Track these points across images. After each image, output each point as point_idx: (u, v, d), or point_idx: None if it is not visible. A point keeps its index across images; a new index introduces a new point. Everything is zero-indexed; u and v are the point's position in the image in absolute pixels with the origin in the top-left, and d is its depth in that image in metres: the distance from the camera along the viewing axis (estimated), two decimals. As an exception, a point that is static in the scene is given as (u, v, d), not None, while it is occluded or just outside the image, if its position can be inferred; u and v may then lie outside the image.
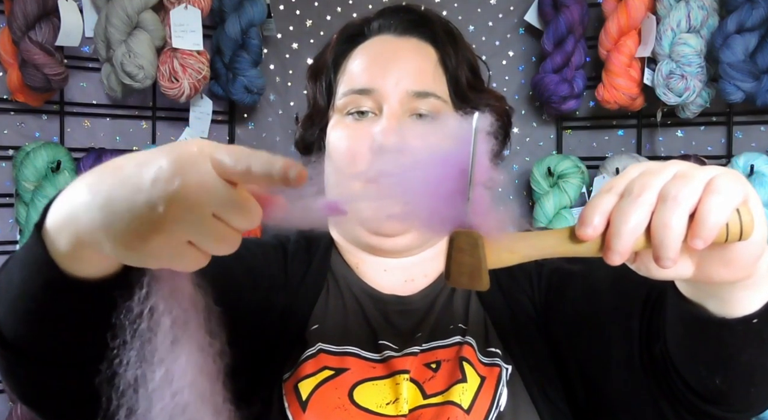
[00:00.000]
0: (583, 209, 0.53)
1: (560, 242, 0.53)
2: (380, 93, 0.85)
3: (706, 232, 0.49)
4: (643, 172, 0.52)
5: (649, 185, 0.51)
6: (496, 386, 0.79)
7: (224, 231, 0.50)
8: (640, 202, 0.50)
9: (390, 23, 0.90)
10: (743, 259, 0.53)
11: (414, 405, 0.78)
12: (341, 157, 0.86)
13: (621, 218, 0.51)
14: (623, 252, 0.51)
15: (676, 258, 0.50)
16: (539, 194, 1.92)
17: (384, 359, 0.82)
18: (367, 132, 0.84)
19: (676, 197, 0.49)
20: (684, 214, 0.49)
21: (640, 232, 0.50)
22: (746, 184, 0.51)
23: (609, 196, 0.52)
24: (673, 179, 0.50)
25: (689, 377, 0.65)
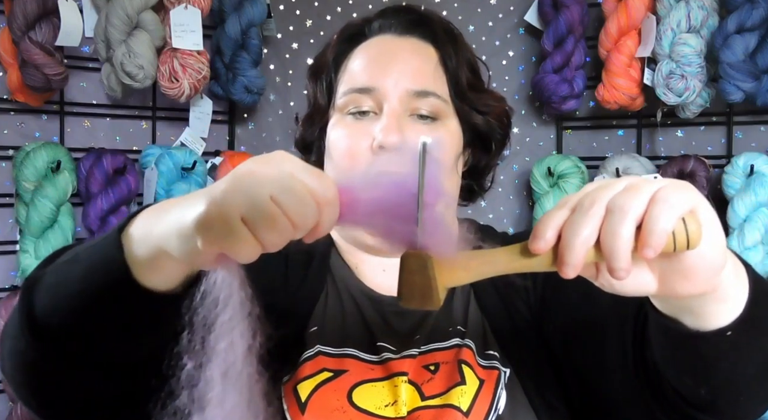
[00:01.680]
0: (536, 224, 0.54)
1: (514, 258, 0.54)
2: (380, 92, 0.85)
3: (653, 239, 0.50)
4: (595, 188, 0.54)
5: (598, 198, 0.52)
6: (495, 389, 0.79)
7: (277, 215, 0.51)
8: (589, 214, 0.52)
9: (390, 23, 0.90)
10: (701, 270, 0.53)
11: (412, 407, 0.78)
12: (341, 156, 0.86)
13: (571, 231, 0.52)
14: (575, 264, 0.52)
15: (628, 268, 0.51)
16: (539, 194, 1.92)
17: (382, 361, 0.82)
18: (367, 131, 0.84)
19: (622, 207, 0.51)
20: (631, 223, 0.50)
21: (590, 244, 0.51)
22: (694, 194, 0.52)
23: (561, 210, 0.54)
24: (622, 192, 0.52)
25: (677, 386, 0.66)
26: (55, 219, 1.77)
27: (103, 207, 1.83)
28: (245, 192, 0.50)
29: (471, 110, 0.90)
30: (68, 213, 1.80)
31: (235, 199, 0.50)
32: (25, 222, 1.75)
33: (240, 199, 0.50)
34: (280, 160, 0.53)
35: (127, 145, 2.03)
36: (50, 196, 1.75)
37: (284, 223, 0.51)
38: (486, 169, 0.97)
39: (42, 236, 1.76)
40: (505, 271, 0.55)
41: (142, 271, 0.58)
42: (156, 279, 0.58)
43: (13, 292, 1.79)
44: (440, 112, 0.87)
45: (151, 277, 0.58)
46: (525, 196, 2.05)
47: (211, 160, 2.07)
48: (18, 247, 1.78)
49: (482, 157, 0.95)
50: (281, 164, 0.53)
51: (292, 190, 0.51)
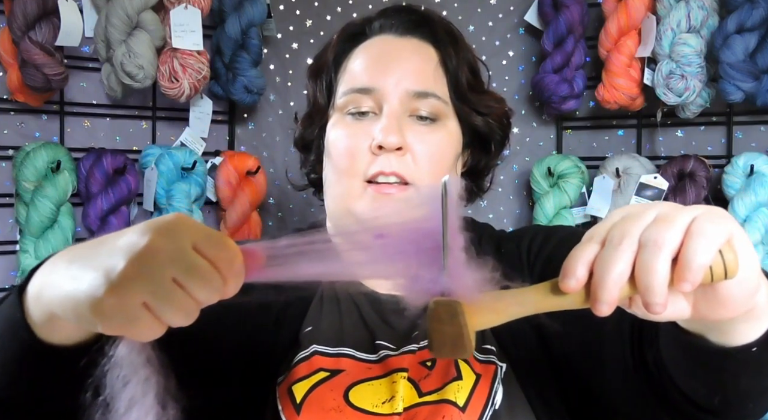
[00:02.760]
0: (565, 261, 0.52)
1: (544, 297, 0.53)
2: (380, 92, 0.85)
3: (691, 275, 0.48)
4: (623, 218, 0.52)
5: (629, 231, 0.50)
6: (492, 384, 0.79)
7: (181, 298, 0.49)
8: (621, 249, 0.50)
9: (391, 23, 0.90)
10: (737, 296, 0.52)
11: (410, 403, 0.78)
12: (340, 157, 0.86)
13: (604, 267, 0.50)
14: (610, 302, 0.50)
15: (664, 303, 0.49)
16: (539, 194, 1.92)
17: (380, 359, 0.82)
18: (366, 131, 0.85)
19: (656, 241, 0.49)
20: (667, 258, 0.49)
21: (624, 280, 0.50)
22: (729, 222, 0.51)
23: (590, 245, 0.52)
24: (654, 223, 0.50)
25: (687, 391, 0.65)
26: (55, 219, 1.77)
27: (103, 207, 1.83)
28: (146, 276, 0.48)
29: (471, 111, 0.90)
30: (68, 213, 1.80)
31: (135, 285, 0.48)
32: (25, 222, 1.75)
33: (140, 286, 0.48)
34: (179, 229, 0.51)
35: (127, 145, 2.03)
36: (50, 196, 1.75)
37: (189, 303, 0.50)
38: (485, 170, 0.97)
39: (42, 236, 1.76)
40: (536, 311, 0.53)
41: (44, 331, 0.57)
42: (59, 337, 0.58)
43: (13, 292, 1.79)
44: (440, 113, 0.87)
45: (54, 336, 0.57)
46: (525, 196, 2.05)
47: (211, 160, 2.07)
48: (18, 247, 1.78)
49: (482, 157, 0.95)
50: (181, 236, 0.50)
51: (196, 269, 0.50)
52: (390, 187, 0.84)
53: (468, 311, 0.52)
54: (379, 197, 0.83)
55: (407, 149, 0.84)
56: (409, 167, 0.84)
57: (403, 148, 0.84)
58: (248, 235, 2.03)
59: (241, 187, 2.01)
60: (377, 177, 0.84)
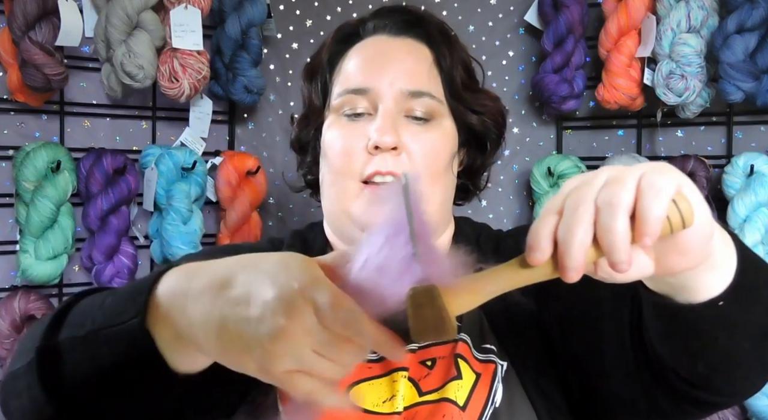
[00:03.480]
0: (528, 235, 0.54)
1: (516, 273, 0.54)
2: (375, 93, 0.85)
3: (650, 228, 0.50)
4: (576, 186, 0.54)
5: (584, 197, 0.52)
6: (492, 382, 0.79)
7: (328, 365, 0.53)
8: (579, 214, 0.51)
9: (385, 23, 0.91)
10: (696, 243, 0.54)
11: (410, 402, 0.78)
12: (336, 157, 0.86)
13: (566, 235, 0.51)
14: (577, 267, 0.52)
15: (629, 260, 0.51)
16: (539, 194, 1.92)
17: (381, 358, 0.82)
18: (362, 132, 0.85)
19: (611, 202, 0.50)
20: (624, 216, 0.50)
21: (587, 244, 0.51)
22: (676, 173, 0.53)
23: (549, 216, 0.53)
24: (606, 186, 0.52)
25: (675, 365, 0.66)
26: (55, 219, 1.77)
27: (103, 207, 1.83)
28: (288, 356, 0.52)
29: (466, 110, 0.90)
30: (68, 213, 1.80)
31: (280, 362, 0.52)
32: (25, 222, 1.75)
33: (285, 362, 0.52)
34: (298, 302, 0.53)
35: (127, 145, 2.03)
36: (50, 196, 1.75)
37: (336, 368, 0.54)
38: (481, 169, 0.97)
39: (42, 236, 1.76)
40: (510, 287, 0.55)
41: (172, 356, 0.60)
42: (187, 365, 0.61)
43: (13, 292, 1.79)
44: (435, 112, 0.87)
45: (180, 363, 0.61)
46: (525, 196, 2.05)
47: (211, 160, 2.07)
48: (18, 247, 1.78)
49: (477, 156, 0.95)
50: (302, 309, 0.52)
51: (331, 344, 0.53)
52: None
53: (446, 295, 0.53)
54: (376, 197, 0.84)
55: (403, 149, 0.84)
56: (405, 167, 0.84)
57: (398, 148, 0.84)
58: (248, 235, 2.03)
59: (241, 187, 2.01)
60: (373, 177, 0.84)
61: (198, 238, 1.94)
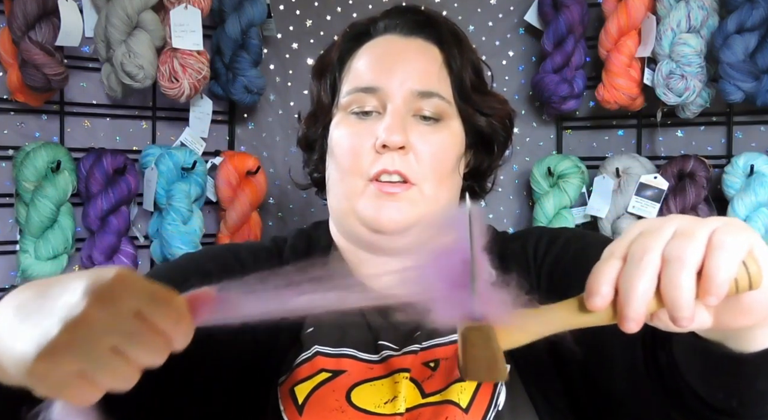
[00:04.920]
0: (588, 279, 0.52)
1: (571, 315, 0.53)
2: (385, 92, 0.85)
3: (716, 289, 0.49)
4: (642, 233, 0.52)
5: (651, 247, 0.50)
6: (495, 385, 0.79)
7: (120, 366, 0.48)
8: (644, 265, 0.50)
9: (396, 23, 0.91)
10: (760, 305, 0.52)
11: (413, 404, 0.78)
12: (344, 155, 0.86)
13: (629, 285, 0.50)
14: (637, 318, 0.51)
15: (692, 317, 0.50)
16: (539, 194, 1.92)
17: (383, 359, 0.82)
18: (370, 130, 0.85)
19: (680, 257, 0.49)
20: (692, 273, 0.49)
21: (650, 297, 0.50)
22: (749, 233, 0.51)
23: (612, 261, 0.52)
24: (675, 238, 0.50)
25: (703, 395, 0.65)
26: (55, 219, 1.77)
27: (103, 207, 1.83)
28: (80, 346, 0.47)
29: (474, 112, 0.90)
30: (68, 213, 1.80)
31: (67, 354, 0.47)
32: (25, 222, 1.75)
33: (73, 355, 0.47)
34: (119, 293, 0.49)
35: (127, 145, 2.03)
36: (50, 196, 1.74)
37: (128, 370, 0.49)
38: (488, 171, 0.97)
39: (42, 236, 1.76)
40: (564, 328, 0.54)
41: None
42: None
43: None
44: (443, 113, 0.87)
45: None
46: (525, 196, 2.05)
47: (211, 160, 2.07)
48: (18, 247, 1.78)
49: (484, 158, 0.95)
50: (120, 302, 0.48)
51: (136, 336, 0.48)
52: (393, 186, 0.84)
53: (499, 333, 0.52)
54: (382, 196, 0.84)
55: (410, 148, 0.84)
56: (412, 166, 0.84)
57: (406, 148, 0.84)
58: (248, 235, 2.03)
59: (241, 187, 2.01)
60: (380, 175, 0.84)
61: (198, 238, 1.94)
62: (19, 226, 1.79)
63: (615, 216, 1.87)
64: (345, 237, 0.91)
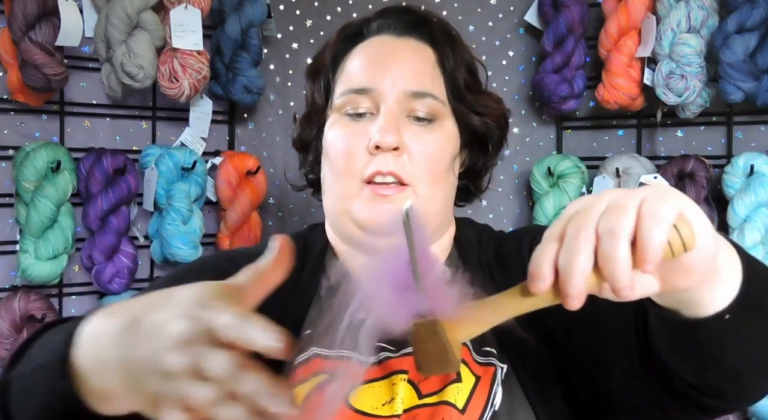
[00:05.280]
0: (530, 263, 0.53)
1: (518, 301, 0.54)
2: (378, 93, 0.85)
3: (651, 255, 0.50)
4: (576, 212, 0.53)
5: (584, 224, 0.52)
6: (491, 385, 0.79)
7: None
8: (580, 243, 0.51)
9: (389, 24, 0.90)
10: (699, 263, 0.54)
11: (409, 405, 0.78)
12: (338, 157, 0.86)
13: (567, 263, 0.51)
14: (578, 295, 0.52)
15: (632, 285, 0.51)
16: (539, 194, 1.92)
17: (380, 361, 0.82)
18: (364, 132, 0.85)
19: (612, 230, 0.50)
20: (625, 244, 0.50)
21: (588, 272, 0.51)
22: (677, 197, 0.52)
23: (550, 244, 0.53)
24: (607, 212, 0.52)
25: (683, 374, 0.66)
26: (55, 219, 1.77)
27: (103, 207, 1.83)
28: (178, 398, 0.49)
29: (468, 111, 0.90)
30: (68, 213, 1.80)
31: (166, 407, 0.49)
32: (25, 222, 1.75)
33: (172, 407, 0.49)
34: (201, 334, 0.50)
35: (127, 145, 2.03)
36: (50, 196, 1.75)
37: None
38: (483, 170, 0.97)
39: (42, 236, 1.76)
40: (512, 314, 0.55)
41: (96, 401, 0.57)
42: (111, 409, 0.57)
43: (13, 292, 1.79)
44: (437, 113, 0.87)
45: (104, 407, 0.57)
46: (525, 196, 2.05)
47: (211, 160, 2.07)
48: (18, 247, 1.78)
49: (479, 158, 0.95)
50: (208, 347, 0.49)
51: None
52: (387, 188, 0.84)
53: (448, 327, 0.53)
54: (377, 198, 0.84)
55: (404, 149, 0.84)
56: (406, 167, 0.84)
57: (400, 148, 0.83)
58: (248, 235, 2.03)
59: (241, 187, 2.01)
60: (374, 177, 0.84)
61: (198, 238, 1.94)
62: (19, 226, 1.80)
63: (615, 216, 1.86)
64: (340, 238, 0.91)
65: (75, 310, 1.94)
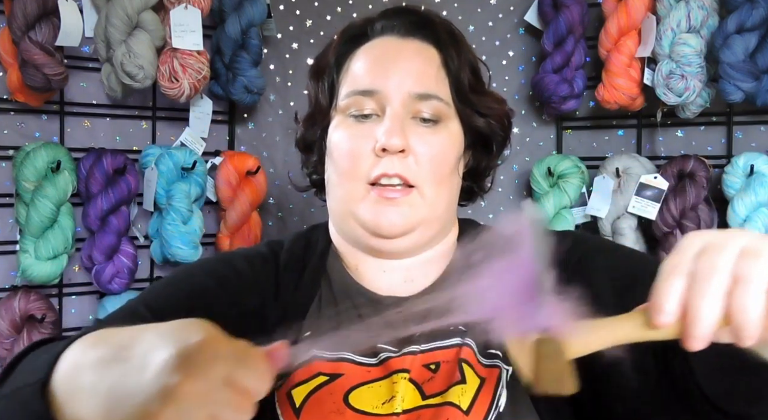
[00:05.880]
0: (654, 294, 0.52)
1: (635, 329, 0.54)
2: (383, 94, 0.85)
3: None
4: (705, 249, 0.52)
5: (719, 266, 0.51)
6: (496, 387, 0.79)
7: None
8: (714, 285, 0.50)
9: (393, 25, 0.90)
10: None
11: (413, 405, 0.78)
12: (343, 159, 0.86)
13: (698, 305, 0.50)
14: (704, 338, 0.51)
15: (757, 337, 0.50)
16: (539, 194, 1.92)
17: (381, 361, 0.81)
18: (369, 134, 0.85)
19: (750, 279, 0.50)
20: (761, 296, 0.50)
21: (719, 318, 0.50)
22: None
23: (677, 279, 0.52)
24: (743, 257, 0.51)
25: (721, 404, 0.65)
26: (55, 219, 1.77)
27: (103, 207, 1.83)
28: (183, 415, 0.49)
29: (472, 112, 0.90)
30: (68, 213, 1.80)
31: None
32: (25, 222, 1.75)
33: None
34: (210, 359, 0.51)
35: (127, 145, 2.03)
36: (50, 196, 1.74)
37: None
38: (486, 171, 0.97)
39: (42, 236, 1.76)
40: (626, 340, 0.55)
41: None
42: None
43: (13, 292, 1.79)
44: (442, 115, 0.87)
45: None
46: (525, 196, 2.05)
47: (211, 160, 2.07)
48: (18, 247, 1.78)
49: (483, 158, 0.95)
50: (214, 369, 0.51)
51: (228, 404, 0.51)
52: (393, 191, 0.84)
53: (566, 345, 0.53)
54: (383, 201, 0.84)
55: (410, 151, 0.84)
56: (411, 169, 0.84)
57: (405, 151, 0.84)
58: (248, 235, 2.03)
59: (241, 187, 2.01)
60: (380, 179, 0.84)
61: (198, 238, 1.94)
62: (19, 226, 1.79)
63: (615, 216, 1.87)
64: (345, 239, 0.91)
65: (75, 310, 1.94)
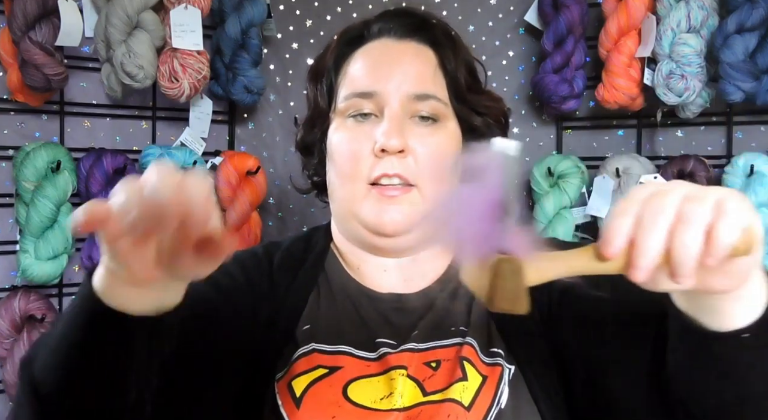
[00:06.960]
0: (605, 230, 0.56)
1: (588, 261, 0.57)
2: (381, 96, 0.86)
3: (719, 251, 0.52)
4: (653, 194, 0.55)
5: (665, 206, 0.54)
6: (498, 385, 0.80)
7: None
8: (660, 221, 0.54)
9: (390, 27, 0.92)
10: (742, 269, 0.56)
11: (414, 402, 0.79)
12: (343, 160, 0.87)
13: (644, 238, 0.54)
14: (647, 268, 0.54)
15: (692, 275, 0.53)
16: (539, 194, 1.92)
17: (380, 357, 0.82)
18: (368, 134, 0.86)
19: (692, 218, 0.53)
20: (700, 235, 0.53)
21: (661, 250, 0.53)
22: (750, 205, 0.55)
23: (626, 218, 0.56)
24: (686, 201, 0.54)
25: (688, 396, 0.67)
26: (55, 219, 1.77)
27: (103, 207, 1.83)
28: None
29: (470, 112, 0.91)
30: (68, 213, 1.80)
31: None
32: (25, 222, 1.75)
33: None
34: None
35: (127, 145, 2.03)
36: (50, 196, 1.75)
37: None
38: None
39: (42, 236, 1.76)
40: (579, 272, 0.58)
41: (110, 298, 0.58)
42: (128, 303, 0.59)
43: (13, 292, 1.79)
44: (440, 115, 0.88)
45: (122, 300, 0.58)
46: (525, 196, 2.05)
47: (211, 160, 2.07)
48: (18, 247, 1.78)
49: None
50: None
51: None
52: (393, 190, 0.85)
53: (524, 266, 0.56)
54: (383, 200, 0.85)
55: (409, 151, 0.86)
56: (411, 169, 0.85)
57: (405, 151, 0.85)
58: (248, 235, 2.03)
59: (241, 187, 2.01)
60: (380, 179, 0.86)
61: (198, 238, 1.94)
62: (19, 226, 1.79)
63: (615, 216, 1.87)
64: (347, 239, 0.93)
65: (75, 310, 1.94)
